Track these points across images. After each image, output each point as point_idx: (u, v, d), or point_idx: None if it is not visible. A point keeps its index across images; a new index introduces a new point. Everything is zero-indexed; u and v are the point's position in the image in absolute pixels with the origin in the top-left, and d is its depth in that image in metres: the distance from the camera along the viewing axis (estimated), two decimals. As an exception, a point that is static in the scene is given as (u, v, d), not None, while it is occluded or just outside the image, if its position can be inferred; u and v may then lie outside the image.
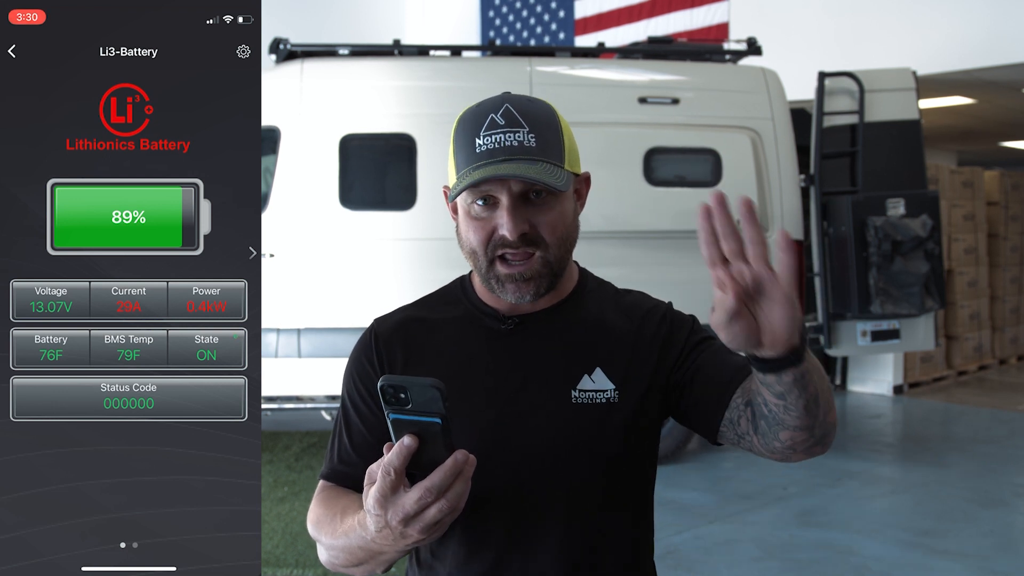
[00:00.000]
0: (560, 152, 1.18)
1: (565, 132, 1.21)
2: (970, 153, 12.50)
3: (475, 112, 1.19)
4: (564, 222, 1.20)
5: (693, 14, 8.32)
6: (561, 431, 1.20)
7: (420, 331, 1.28)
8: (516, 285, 1.18)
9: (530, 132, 1.16)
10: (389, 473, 0.96)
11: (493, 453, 1.17)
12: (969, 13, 6.45)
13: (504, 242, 1.16)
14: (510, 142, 1.15)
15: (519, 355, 1.23)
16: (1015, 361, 9.76)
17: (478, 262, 1.20)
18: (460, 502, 0.98)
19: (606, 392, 1.21)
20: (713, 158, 5.16)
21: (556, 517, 1.19)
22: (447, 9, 10.57)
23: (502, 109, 1.17)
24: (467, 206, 1.19)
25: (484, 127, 1.16)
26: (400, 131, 5.03)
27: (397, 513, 0.97)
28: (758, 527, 4.46)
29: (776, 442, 1.11)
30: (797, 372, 0.99)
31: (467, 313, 1.28)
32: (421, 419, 0.95)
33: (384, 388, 0.95)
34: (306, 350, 4.88)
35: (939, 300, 5.34)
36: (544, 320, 1.25)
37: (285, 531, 4.22)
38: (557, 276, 1.21)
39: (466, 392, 1.20)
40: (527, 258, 1.17)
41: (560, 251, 1.20)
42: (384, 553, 1.07)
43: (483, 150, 1.15)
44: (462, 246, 1.23)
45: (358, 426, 1.27)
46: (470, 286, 1.30)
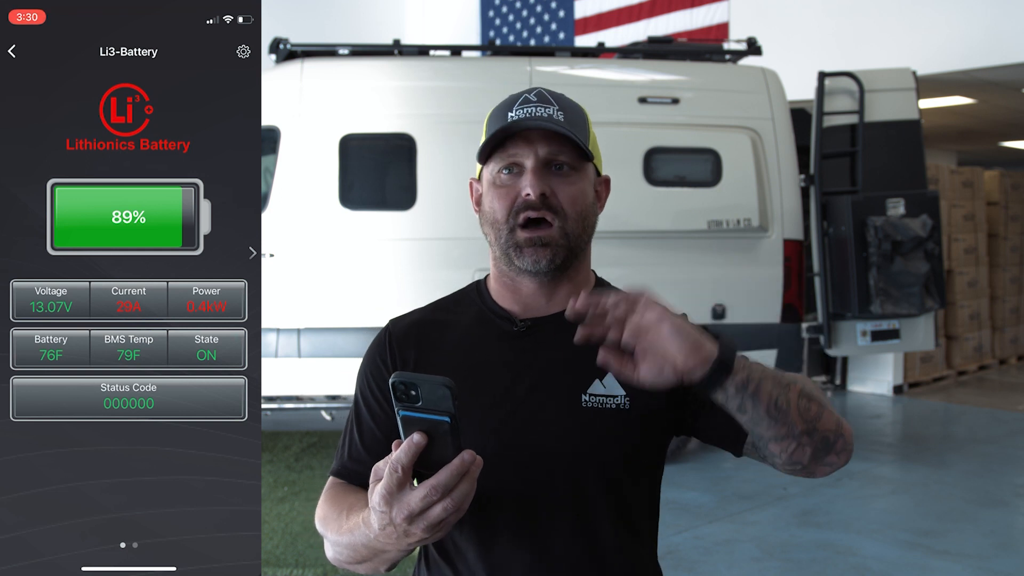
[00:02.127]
0: (587, 135, 1.24)
1: (591, 127, 1.27)
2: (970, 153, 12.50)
3: (507, 98, 1.24)
4: (584, 200, 1.23)
5: (693, 14, 8.32)
6: (569, 434, 1.20)
7: (434, 332, 1.29)
8: (534, 250, 1.20)
9: (559, 110, 1.21)
10: (396, 470, 0.97)
11: (502, 454, 1.17)
12: (969, 13, 6.45)
13: (527, 203, 1.19)
14: (541, 113, 1.20)
15: (531, 357, 1.24)
16: (1015, 361, 9.76)
17: (499, 232, 1.22)
18: (465, 502, 0.98)
19: (616, 398, 1.21)
20: (713, 158, 5.16)
21: (563, 519, 1.19)
22: (447, 9, 10.57)
23: (535, 91, 1.23)
24: (493, 177, 1.23)
25: (517, 104, 1.22)
26: (400, 131, 5.03)
27: (402, 510, 0.97)
28: (758, 527, 4.46)
29: (776, 459, 1.12)
30: (737, 379, 1.02)
31: (481, 315, 1.29)
32: (431, 417, 0.96)
33: (395, 384, 0.95)
34: (306, 350, 4.88)
35: (939, 300, 5.34)
36: (557, 323, 1.25)
37: (285, 531, 4.22)
38: (573, 253, 1.23)
39: (477, 392, 1.20)
40: (546, 224, 1.20)
41: (577, 227, 1.22)
42: (387, 551, 1.07)
43: (514, 119, 1.20)
44: (484, 221, 1.25)
45: (369, 424, 1.27)
46: (485, 289, 1.32)
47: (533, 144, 1.20)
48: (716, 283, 5.16)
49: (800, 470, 1.13)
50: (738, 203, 5.11)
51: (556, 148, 1.20)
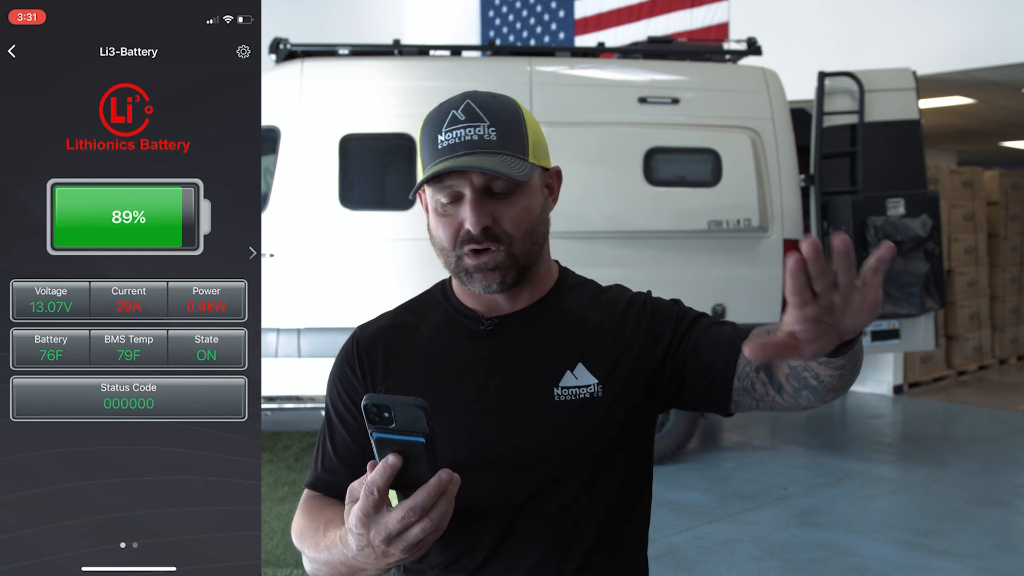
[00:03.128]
0: (523, 145, 1.19)
1: (530, 126, 1.21)
2: (970, 153, 12.50)
3: (437, 111, 1.20)
4: (529, 216, 1.20)
5: (693, 14, 8.32)
6: (546, 429, 1.19)
7: (401, 337, 1.29)
8: (483, 275, 1.19)
9: (490, 126, 1.17)
10: (372, 492, 0.95)
11: (477, 454, 1.17)
12: (969, 13, 6.45)
13: (469, 236, 1.17)
14: (470, 136, 1.16)
15: (500, 355, 1.24)
16: (1015, 361, 9.76)
17: (448, 258, 1.21)
18: (444, 521, 0.97)
19: (589, 387, 1.21)
20: (713, 158, 5.16)
21: (543, 514, 1.19)
22: (447, 9, 10.56)
23: (463, 105, 1.18)
24: (434, 204, 1.20)
25: (445, 124, 1.18)
26: (400, 131, 5.03)
27: (380, 532, 0.96)
28: (758, 527, 4.46)
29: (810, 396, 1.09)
30: (858, 344, 0.99)
31: (447, 316, 1.28)
32: (405, 439, 0.94)
33: (368, 407, 0.94)
34: (306, 350, 4.88)
35: (939, 300, 5.34)
36: (523, 319, 1.26)
37: (285, 531, 4.22)
38: (525, 269, 1.21)
39: (448, 394, 1.20)
40: (491, 251, 1.18)
41: (525, 244, 1.20)
42: (365, 570, 1.07)
43: (444, 146, 1.17)
44: (433, 243, 1.23)
45: (342, 434, 1.27)
46: (450, 289, 1.31)
47: (467, 174, 1.16)
48: (716, 283, 5.16)
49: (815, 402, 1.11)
50: (738, 203, 5.11)
51: (491, 176, 1.16)
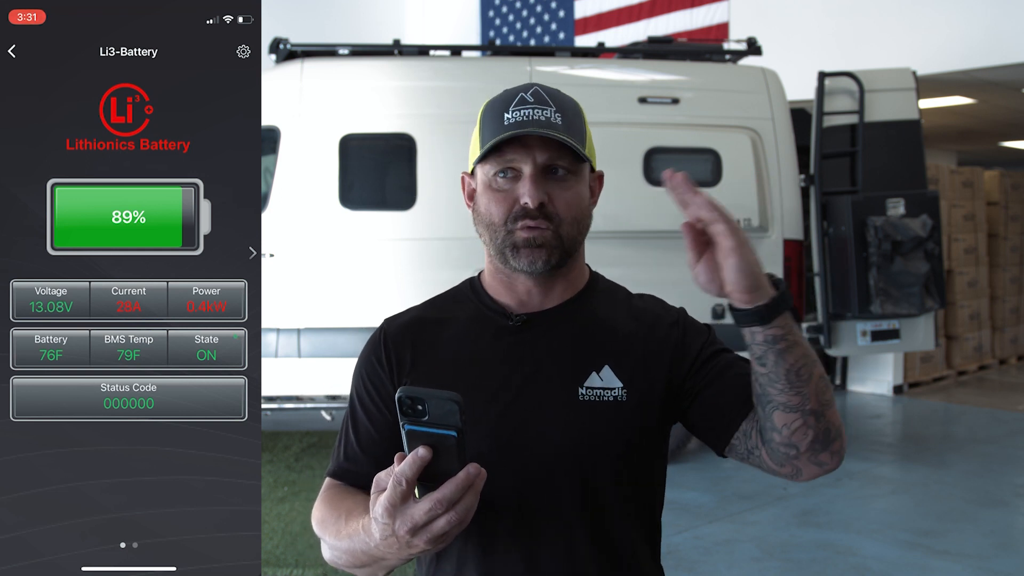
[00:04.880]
0: (583, 136, 1.23)
1: (587, 124, 1.26)
2: (970, 153, 12.50)
3: (503, 94, 1.23)
4: (580, 203, 1.23)
5: (693, 14, 8.32)
6: (567, 427, 1.20)
7: (429, 330, 1.29)
8: (530, 250, 1.20)
9: (556, 111, 1.20)
10: (400, 483, 0.96)
11: (500, 451, 1.17)
12: (969, 13, 6.45)
13: (525, 211, 1.19)
14: (538, 116, 1.18)
15: (527, 351, 1.24)
16: (1015, 361, 9.76)
17: (496, 233, 1.21)
18: (469, 515, 0.98)
19: (614, 390, 1.21)
20: (713, 158, 5.16)
21: (563, 513, 1.19)
22: (447, 9, 10.57)
23: (531, 91, 1.21)
24: (489, 179, 1.22)
25: (514, 103, 1.20)
26: (400, 131, 5.03)
27: (405, 523, 0.97)
28: (758, 527, 4.46)
29: (774, 437, 1.10)
30: (768, 333, 1.04)
31: (476, 311, 1.29)
32: (437, 431, 0.95)
33: (402, 399, 0.94)
34: (306, 350, 4.88)
35: (939, 300, 5.34)
36: (553, 317, 1.26)
37: (285, 531, 4.22)
38: (568, 254, 1.23)
39: (473, 388, 1.20)
40: (542, 228, 1.19)
41: (573, 230, 1.22)
42: (387, 559, 1.07)
43: (512, 121, 1.18)
44: (479, 222, 1.24)
45: (365, 424, 1.27)
46: (479, 285, 1.31)
47: (531, 150, 1.18)
48: (716, 283, 5.15)
49: (789, 461, 1.11)
50: (738, 203, 5.10)
51: (554, 154, 1.19)
